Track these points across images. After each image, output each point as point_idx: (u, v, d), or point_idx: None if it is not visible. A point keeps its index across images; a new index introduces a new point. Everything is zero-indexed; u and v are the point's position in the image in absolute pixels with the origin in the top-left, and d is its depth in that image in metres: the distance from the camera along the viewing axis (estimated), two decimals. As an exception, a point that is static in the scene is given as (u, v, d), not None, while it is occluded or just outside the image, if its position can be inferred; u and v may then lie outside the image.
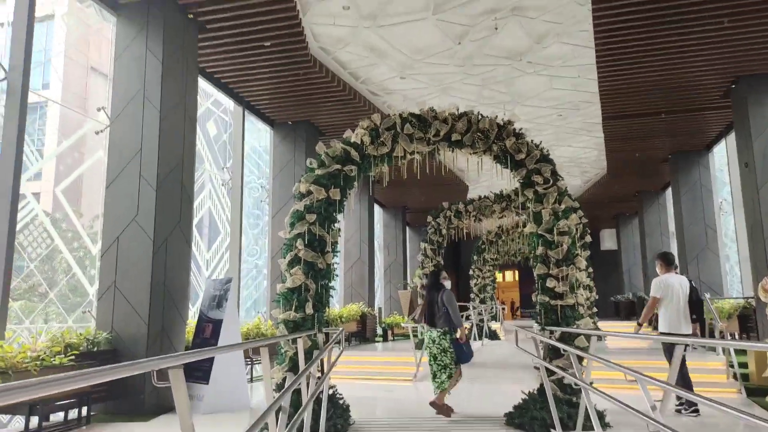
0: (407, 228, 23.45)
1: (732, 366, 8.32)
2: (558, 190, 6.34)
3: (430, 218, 11.64)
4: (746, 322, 10.72)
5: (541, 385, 6.10)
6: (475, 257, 16.40)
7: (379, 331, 16.50)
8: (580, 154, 16.04)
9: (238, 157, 10.88)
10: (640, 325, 6.70)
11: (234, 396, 7.03)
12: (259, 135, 13.72)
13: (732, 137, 13.36)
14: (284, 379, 5.74)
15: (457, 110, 6.70)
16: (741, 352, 9.19)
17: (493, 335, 15.82)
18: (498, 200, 10.79)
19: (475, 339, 14.05)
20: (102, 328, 6.97)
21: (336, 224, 6.32)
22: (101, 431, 6.09)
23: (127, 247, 7.05)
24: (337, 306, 17.10)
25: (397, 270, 21.35)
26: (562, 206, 6.31)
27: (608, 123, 12.80)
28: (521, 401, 6.13)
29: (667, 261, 6.78)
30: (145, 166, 7.17)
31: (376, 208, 21.15)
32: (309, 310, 5.87)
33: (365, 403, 7.83)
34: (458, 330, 6.56)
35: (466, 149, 6.51)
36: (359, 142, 6.46)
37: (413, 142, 6.46)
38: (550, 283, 6.07)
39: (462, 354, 6.63)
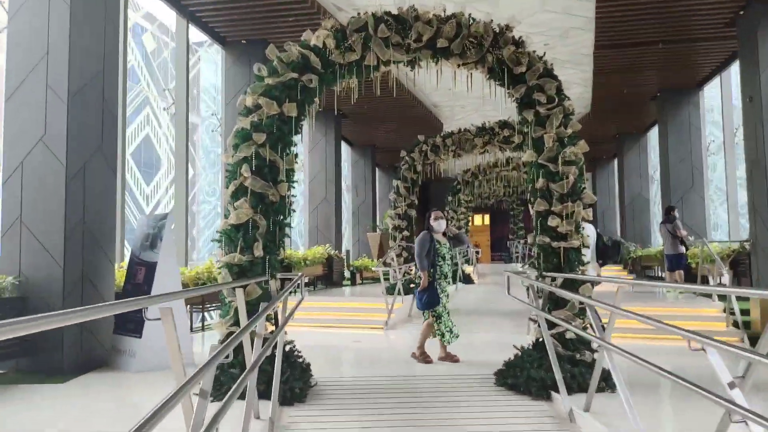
0: (377, 168, 22.26)
1: (732, 313, 7.66)
2: (564, 111, 5.23)
3: (403, 153, 10.48)
4: (738, 266, 10.13)
5: (537, 339, 5.21)
6: (449, 198, 15.40)
7: (347, 274, 15.59)
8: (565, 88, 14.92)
9: (182, 78, 9.37)
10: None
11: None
12: (218, 69, 12.14)
13: (728, 73, 12.43)
14: (228, 335, 4.67)
15: (444, 11, 5.43)
16: (742, 298, 8.56)
17: (467, 279, 15.10)
18: (480, 133, 9.68)
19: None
20: (7, 271, 5.71)
21: (292, 148, 5.12)
22: (6, 393, 4.97)
23: (33, 174, 5.70)
24: (301, 249, 16.04)
25: (365, 212, 20.31)
26: (569, 130, 5.23)
27: (600, 53, 11.65)
28: (513, 357, 5.25)
29: None
30: (53, 74, 5.72)
31: (344, 146, 19.80)
32: (258, 251, 4.74)
33: (330, 358, 6.88)
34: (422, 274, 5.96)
35: (454, 59, 5.29)
36: (321, 46, 5.17)
37: (389, 47, 5.20)
38: (552, 221, 5.06)
39: (420, 301, 6.07)
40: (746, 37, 9.44)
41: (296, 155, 5.13)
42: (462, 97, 15.83)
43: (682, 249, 11.09)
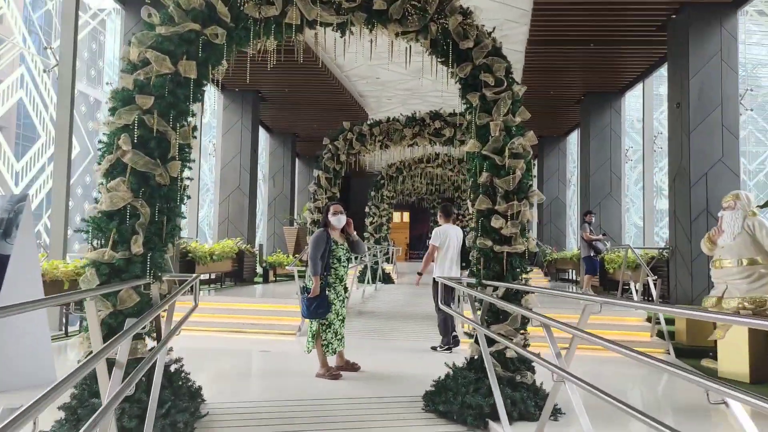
0: (297, 159, 21.15)
1: (658, 322, 7.48)
2: (512, 96, 4.59)
3: (326, 140, 9.59)
4: (656, 273, 10.18)
5: (473, 357, 4.55)
6: (372, 193, 14.67)
7: (260, 271, 14.45)
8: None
9: (69, 34, 7.92)
10: (420, 274, 7.26)
11: (27, 368, 4.74)
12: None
13: (650, 80, 12.59)
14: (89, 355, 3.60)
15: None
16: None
17: (387, 278, 14.45)
18: (410, 124, 9.00)
19: (368, 283, 12.54)
20: None
21: (189, 119, 4.10)
22: None
23: None
24: (210, 242, 14.70)
25: (282, 204, 19.15)
26: (517, 119, 4.60)
27: (532, 49, 11.36)
28: (443, 378, 4.55)
29: (446, 213, 7.06)
30: None
31: (262, 133, 18.55)
32: (137, 247, 3.70)
33: (230, 374, 5.90)
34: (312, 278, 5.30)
35: (392, 26, 4.49)
36: (232, -6, 4.18)
37: (316, 4, 4.31)
38: (496, 222, 4.40)
39: (307, 308, 5.34)
40: (676, 41, 9.43)
41: (194, 128, 4.12)
42: (390, 88, 15.18)
43: (592, 252, 11.05)
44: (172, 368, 4.07)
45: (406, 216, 31.94)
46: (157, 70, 3.87)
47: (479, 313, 4.30)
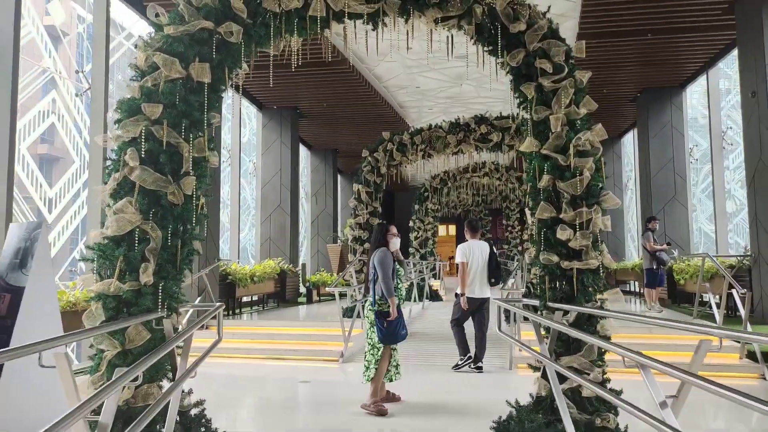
0: (339, 175, 20.81)
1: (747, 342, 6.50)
2: (576, 84, 3.92)
3: (365, 152, 9.09)
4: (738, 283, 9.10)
5: (539, 396, 3.84)
6: (416, 207, 14.06)
7: (303, 290, 14.04)
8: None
9: (101, 58, 7.75)
10: (461, 295, 6.68)
11: (38, 411, 4.34)
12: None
13: (715, 72, 11.54)
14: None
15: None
16: (759, 321, 7.46)
17: (434, 296, 13.74)
18: (453, 130, 8.38)
19: (415, 300, 11.88)
20: None
21: (207, 127, 3.63)
22: None
23: None
24: (252, 263, 14.42)
25: (326, 221, 18.80)
26: (582, 110, 3.92)
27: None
28: (505, 419, 3.86)
29: (472, 228, 6.85)
30: None
31: (302, 150, 18.31)
32: (146, 276, 3.23)
33: (263, 410, 5.37)
34: (389, 301, 4.79)
35: (430, 12, 3.91)
36: (249, -12, 3.72)
37: (343, -7, 3.79)
38: (562, 233, 3.71)
39: (382, 332, 4.81)
40: (747, 24, 8.47)
41: (211, 140, 3.64)
42: (430, 97, 14.61)
43: (654, 264, 10.01)
44: (192, 412, 3.56)
45: (453, 229, 31.09)
46: (166, 75, 3.42)
47: (547, 342, 3.61)
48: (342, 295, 8.28)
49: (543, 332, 3.71)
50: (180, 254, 3.41)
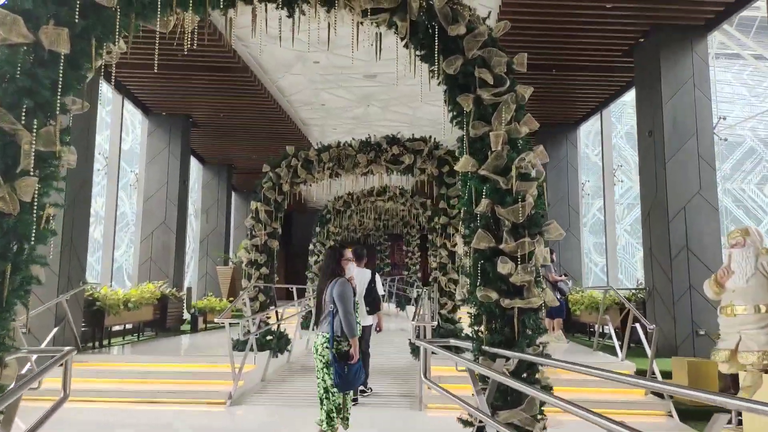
0: (233, 192, 19.52)
1: (654, 376, 6.49)
2: (517, 99, 3.51)
3: (266, 168, 8.26)
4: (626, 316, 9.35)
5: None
6: (318, 229, 13.30)
7: (188, 317, 12.64)
8: (444, 119, 13.80)
9: None
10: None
11: None
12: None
13: (608, 111, 12.12)
14: None
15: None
16: (663, 354, 7.53)
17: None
18: (364, 149, 7.83)
19: (312, 330, 11.06)
20: None
21: (60, 114, 2.72)
22: None
23: None
24: (128, 286, 12.80)
25: (216, 241, 17.40)
26: (523, 128, 3.50)
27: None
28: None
29: (357, 256, 6.58)
30: None
31: (194, 163, 16.92)
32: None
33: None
34: (349, 340, 4.08)
35: (358, 1, 3.32)
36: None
37: (255, -33, 3.08)
38: (503, 266, 3.22)
39: (340, 377, 4.03)
40: (645, 67, 8.86)
41: (66, 131, 2.73)
42: (335, 116, 14.07)
43: (558, 294, 10.18)
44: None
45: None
46: (3, 38, 2.49)
47: (485, 395, 3.07)
48: (233, 322, 7.28)
49: (480, 384, 3.16)
50: (9, 283, 2.45)
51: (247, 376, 7.00)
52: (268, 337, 8.15)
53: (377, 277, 6.87)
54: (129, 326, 10.45)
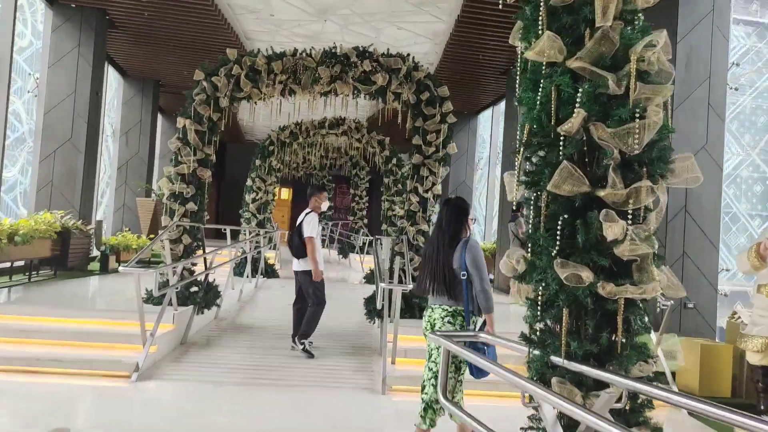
0: (160, 114, 17.15)
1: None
2: None
3: (199, 75, 6.42)
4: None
5: None
6: (257, 162, 11.48)
7: (98, 255, 10.76)
8: (409, 42, 12.13)
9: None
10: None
11: None
12: None
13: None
14: None
15: None
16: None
17: (270, 271, 11.52)
18: (327, 60, 6.12)
19: (248, 278, 9.55)
20: None
21: None
22: None
23: None
24: (24, 214, 10.69)
25: (138, 169, 15.19)
26: (645, -2, 2.05)
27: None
28: None
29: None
30: None
31: (114, 75, 14.45)
32: None
33: None
34: (484, 315, 3.16)
35: None
36: None
37: None
38: (610, 228, 1.86)
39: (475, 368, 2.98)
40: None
41: None
42: (285, 30, 12.04)
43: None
44: None
45: (288, 193, 28.72)
46: None
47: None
48: (151, 261, 5.64)
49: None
50: None
51: (162, 339, 5.49)
52: (193, 289, 6.61)
53: (310, 217, 5.79)
54: (19, 264, 8.53)
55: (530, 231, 2.06)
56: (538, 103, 2.03)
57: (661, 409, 5.06)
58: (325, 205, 6.14)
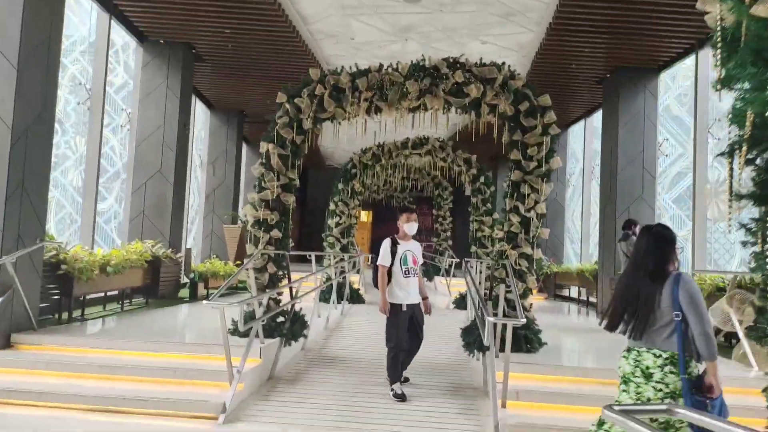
0: (244, 143, 17.53)
1: None
2: None
3: (282, 97, 6.19)
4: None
5: None
6: (340, 186, 11.21)
7: (187, 282, 10.84)
8: (494, 56, 11.53)
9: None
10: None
11: None
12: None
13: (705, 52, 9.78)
14: None
15: None
16: None
17: (355, 296, 11.12)
18: (415, 73, 5.67)
19: (334, 304, 9.20)
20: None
21: None
22: None
23: None
24: (118, 243, 10.99)
25: (224, 197, 15.51)
26: None
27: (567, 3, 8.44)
28: None
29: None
30: None
31: (201, 108, 14.90)
32: None
33: None
34: (706, 364, 2.74)
35: None
36: None
37: None
38: None
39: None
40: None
41: None
42: (365, 53, 11.82)
43: None
44: None
45: (367, 215, 28.53)
46: None
47: None
48: (241, 284, 5.33)
49: None
50: None
51: (249, 375, 5.14)
52: (279, 319, 6.27)
53: (383, 243, 5.39)
54: (113, 293, 8.65)
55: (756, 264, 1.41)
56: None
57: None
58: (409, 227, 5.34)
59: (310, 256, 9.39)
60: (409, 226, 5.26)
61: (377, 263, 5.23)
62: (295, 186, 6.59)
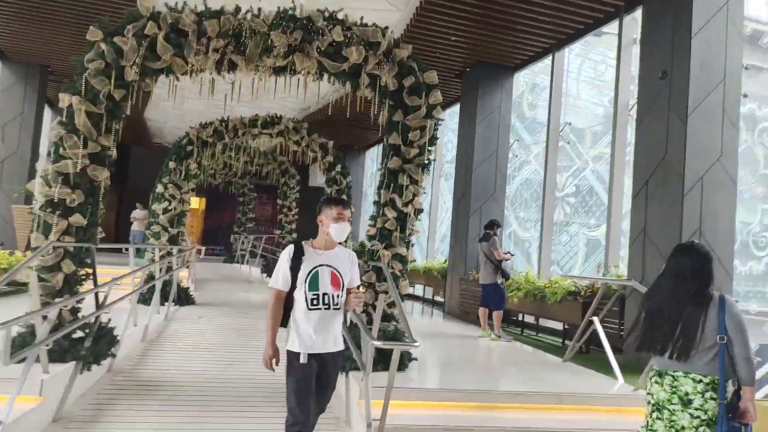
0: (47, 106, 14.42)
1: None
2: None
3: (96, 34, 4.47)
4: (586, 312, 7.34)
5: None
6: (172, 165, 9.26)
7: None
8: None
9: None
10: None
11: None
12: None
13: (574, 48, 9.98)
14: None
15: None
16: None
17: (184, 297, 9.41)
18: (284, 23, 4.42)
19: (157, 307, 7.47)
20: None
21: None
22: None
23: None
24: None
25: (17, 170, 12.50)
26: None
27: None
28: None
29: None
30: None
31: (-14, 53, 11.74)
32: None
33: None
34: (743, 388, 2.71)
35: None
36: None
37: None
38: None
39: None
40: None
41: None
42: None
43: (499, 279, 8.01)
44: None
45: (200, 203, 25.88)
46: None
47: None
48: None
49: None
50: None
51: (21, 422, 3.52)
52: (78, 334, 4.63)
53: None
54: None
55: None
56: None
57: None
58: (337, 230, 3.16)
59: (126, 249, 7.55)
60: (338, 227, 3.14)
61: (269, 285, 3.22)
62: (110, 158, 4.94)
